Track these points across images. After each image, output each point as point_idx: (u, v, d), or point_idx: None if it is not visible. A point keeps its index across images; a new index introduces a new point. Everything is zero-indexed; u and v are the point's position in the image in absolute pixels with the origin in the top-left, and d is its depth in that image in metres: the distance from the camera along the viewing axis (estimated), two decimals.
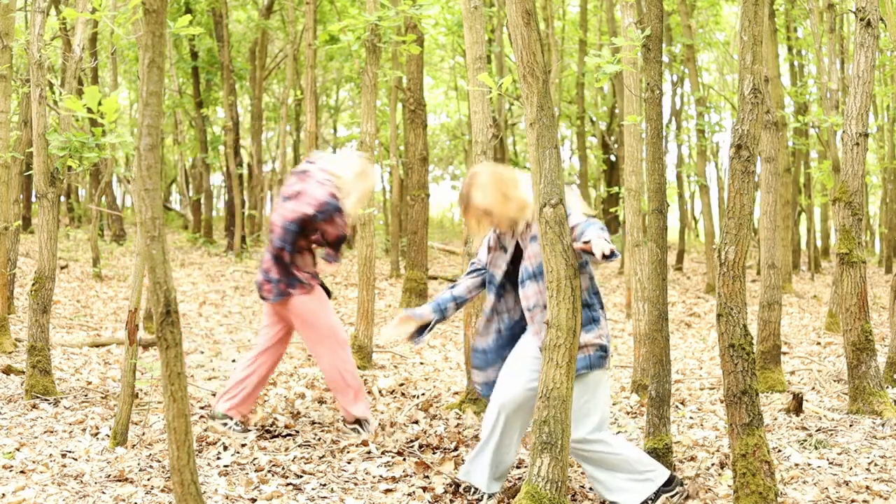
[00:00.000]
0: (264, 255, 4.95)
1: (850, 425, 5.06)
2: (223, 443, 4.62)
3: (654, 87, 4.24)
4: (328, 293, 5.05)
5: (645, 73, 4.28)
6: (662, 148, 4.29)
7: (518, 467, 4.35)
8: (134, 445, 4.57)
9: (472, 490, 3.96)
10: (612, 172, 19.93)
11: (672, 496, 3.78)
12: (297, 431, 4.89)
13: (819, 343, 8.43)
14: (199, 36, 16.43)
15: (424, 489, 4.00)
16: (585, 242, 3.40)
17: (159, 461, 4.31)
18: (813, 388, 6.22)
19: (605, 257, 3.32)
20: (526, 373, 3.77)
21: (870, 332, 5.38)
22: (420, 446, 4.63)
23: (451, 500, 3.89)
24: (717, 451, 4.61)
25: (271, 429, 4.90)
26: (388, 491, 3.99)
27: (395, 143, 12.79)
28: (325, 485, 4.04)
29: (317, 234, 4.86)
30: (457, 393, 6.03)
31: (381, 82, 14.04)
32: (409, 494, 3.93)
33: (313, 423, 5.10)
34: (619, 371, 7.31)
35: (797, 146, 14.16)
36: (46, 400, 5.39)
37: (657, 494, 3.75)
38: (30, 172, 7.62)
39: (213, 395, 5.83)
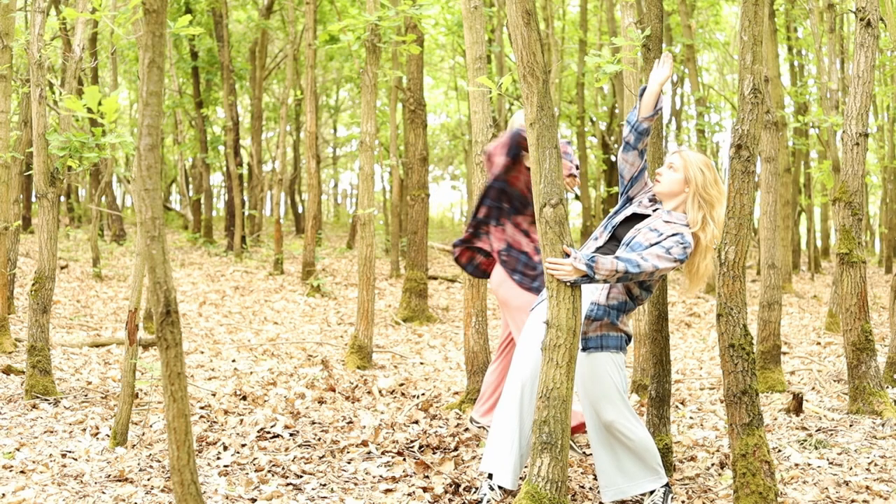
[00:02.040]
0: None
1: (850, 425, 5.06)
2: (223, 443, 4.62)
3: None
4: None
5: (645, 73, 4.28)
6: (662, 148, 4.29)
7: None
8: (134, 445, 4.57)
9: (473, 490, 3.96)
10: (612, 172, 19.92)
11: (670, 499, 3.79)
12: (297, 431, 4.89)
13: (819, 343, 8.43)
14: (199, 36, 16.43)
15: (424, 489, 4.00)
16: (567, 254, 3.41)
17: (159, 461, 4.31)
18: (813, 388, 6.22)
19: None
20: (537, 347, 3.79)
21: (870, 332, 5.38)
22: (420, 446, 4.63)
23: (450, 500, 3.89)
24: (717, 451, 4.61)
25: (271, 429, 4.90)
26: (388, 491, 3.99)
27: (395, 143, 12.79)
28: (325, 485, 4.04)
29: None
30: (457, 393, 6.03)
31: (381, 82, 14.05)
32: (409, 494, 3.93)
33: (313, 423, 5.10)
34: None
35: (797, 146, 14.16)
36: (46, 400, 5.39)
37: (665, 495, 3.76)
38: (30, 172, 7.62)
39: (213, 394, 5.84)
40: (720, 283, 3.56)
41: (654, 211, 3.83)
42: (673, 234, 3.65)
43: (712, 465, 4.38)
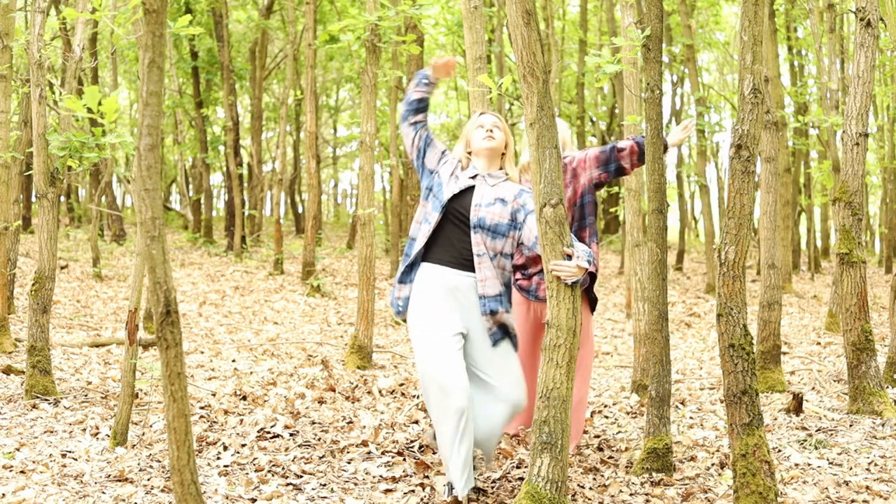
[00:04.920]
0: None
1: (850, 425, 5.06)
2: (223, 443, 4.62)
3: (654, 87, 4.24)
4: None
5: (645, 73, 4.28)
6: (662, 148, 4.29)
7: (518, 467, 4.35)
8: (134, 445, 4.57)
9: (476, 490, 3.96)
10: None
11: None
12: (297, 431, 4.89)
13: (819, 343, 8.43)
14: (199, 36, 16.43)
15: (424, 488, 4.00)
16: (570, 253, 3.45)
17: (159, 461, 4.32)
18: (813, 388, 6.22)
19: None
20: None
21: (870, 332, 5.38)
22: (420, 446, 4.63)
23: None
24: (717, 451, 4.61)
25: (271, 429, 4.91)
26: (388, 491, 3.99)
27: (395, 143, 12.79)
28: (325, 485, 4.04)
29: None
30: None
31: (381, 82, 14.04)
32: (409, 493, 3.93)
33: (313, 423, 5.10)
34: (619, 371, 7.31)
35: (797, 146, 14.16)
36: (46, 400, 5.39)
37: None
38: (30, 172, 7.61)
39: (213, 394, 5.84)
40: (720, 283, 3.56)
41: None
42: (524, 195, 3.93)
43: (712, 465, 4.38)
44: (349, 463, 4.38)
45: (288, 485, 4.01)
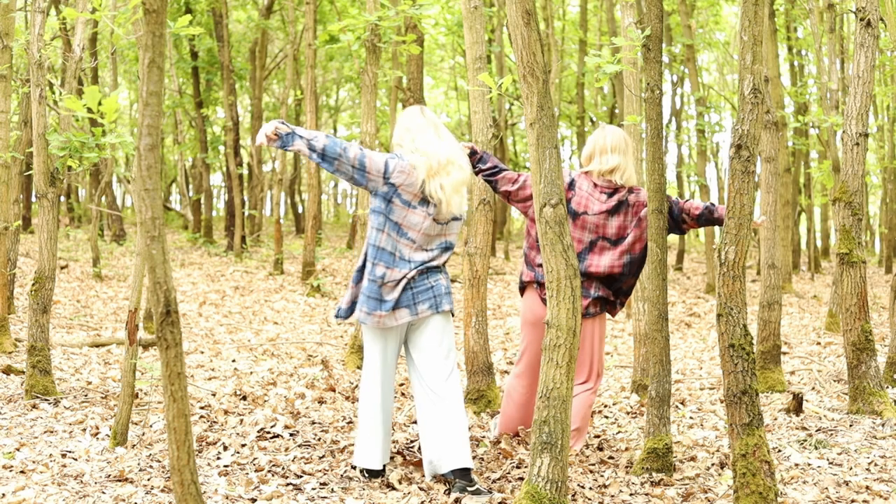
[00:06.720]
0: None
1: (850, 425, 5.06)
2: (223, 443, 4.62)
3: (654, 87, 4.24)
4: None
5: (645, 73, 4.28)
6: (662, 148, 4.29)
7: (518, 467, 4.35)
8: (134, 445, 4.57)
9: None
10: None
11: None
12: (297, 431, 4.89)
13: (819, 343, 8.43)
14: (199, 36, 16.43)
15: (424, 489, 4.00)
16: None
17: (159, 461, 4.31)
18: (813, 388, 6.22)
19: None
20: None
21: (870, 332, 5.38)
22: (420, 446, 4.63)
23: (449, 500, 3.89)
24: (717, 451, 4.61)
25: (271, 429, 4.90)
26: (388, 490, 3.99)
27: None
28: (325, 484, 4.04)
29: None
30: None
31: (381, 82, 14.03)
32: (409, 493, 3.93)
33: (313, 423, 5.10)
34: (619, 371, 7.31)
35: (797, 146, 14.16)
36: (46, 400, 5.39)
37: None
38: (30, 172, 7.62)
39: (213, 394, 5.84)
40: (720, 283, 3.57)
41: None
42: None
43: (712, 465, 4.38)
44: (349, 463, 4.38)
45: (288, 485, 4.01)
